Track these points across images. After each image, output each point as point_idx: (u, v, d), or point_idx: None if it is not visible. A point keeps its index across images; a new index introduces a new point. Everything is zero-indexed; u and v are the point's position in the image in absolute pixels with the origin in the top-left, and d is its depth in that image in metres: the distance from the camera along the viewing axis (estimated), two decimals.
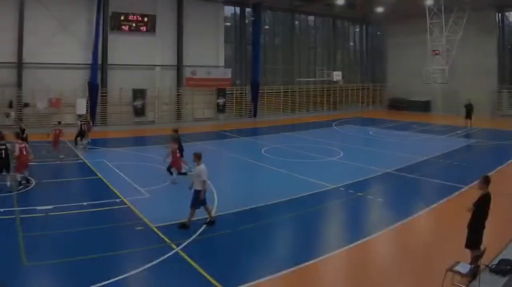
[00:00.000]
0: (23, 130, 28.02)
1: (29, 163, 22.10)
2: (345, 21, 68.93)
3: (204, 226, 16.26)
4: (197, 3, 51.13)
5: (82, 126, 32.37)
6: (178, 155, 22.57)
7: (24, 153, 21.46)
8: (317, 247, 14.95)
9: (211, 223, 16.42)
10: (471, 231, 12.60)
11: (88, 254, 13.68)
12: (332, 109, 64.73)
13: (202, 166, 16.18)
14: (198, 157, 16.40)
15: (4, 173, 20.88)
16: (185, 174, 22.63)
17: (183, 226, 16.01)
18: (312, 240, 15.60)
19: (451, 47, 50.07)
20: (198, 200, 16.07)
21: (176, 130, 25.51)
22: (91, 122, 35.28)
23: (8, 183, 20.57)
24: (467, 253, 12.57)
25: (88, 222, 16.75)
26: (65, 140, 30.00)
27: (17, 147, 21.14)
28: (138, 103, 46.87)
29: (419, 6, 52.19)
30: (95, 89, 44.03)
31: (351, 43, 71.67)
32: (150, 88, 47.77)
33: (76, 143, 32.35)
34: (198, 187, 16.07)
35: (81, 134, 32.27)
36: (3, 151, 20.59)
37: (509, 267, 12.75)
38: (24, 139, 29.32)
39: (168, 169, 22.45)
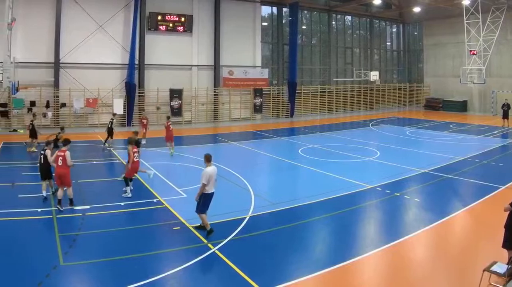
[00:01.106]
0: (31, 125, 28.66)
1: (64, 175, 17.37)
2: (381, 21, 66.38)
3: (239, 228, 15.57)
4: (234, 3, 49.54)
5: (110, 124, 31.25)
6: (136, 160, 19.90)
7: (60, 162, 17.48)
8: (354, 247, 14.30)
9: (201, 227, 14.97)
10: (508, 231, 12.19)
11: (125, 254, 13.31)
12: (369, 109, 62.43)
13: (207, 169, 14.71)
14: (206, 159, 15.02)
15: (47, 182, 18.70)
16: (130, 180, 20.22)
17: (209, 232, 14.76)
18: (349, 240, 14.95)
19: (488, 47, 48.47)
20: (199, 204, 14.80)
21: (136, 133, 23.44)
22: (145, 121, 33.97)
23: (44, 193, 18.39)
24: (504, 253, 12.22)
25: (125, 222, 16.36)
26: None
27: (54, 153, 17.94)
28: (175, 103, 45.54)
29: (456, 6, 50.99)
30: (133, 89, 42.77)
31: (388, 43, 68.99)
32: (187, 88, 46.40)
33: (104, 143, 31.23)
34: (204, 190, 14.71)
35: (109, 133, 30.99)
36: (41, 157, 18.44)
37: None
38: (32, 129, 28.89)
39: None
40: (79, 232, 14.91)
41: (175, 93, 45.54)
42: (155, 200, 18.82)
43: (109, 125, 31.09)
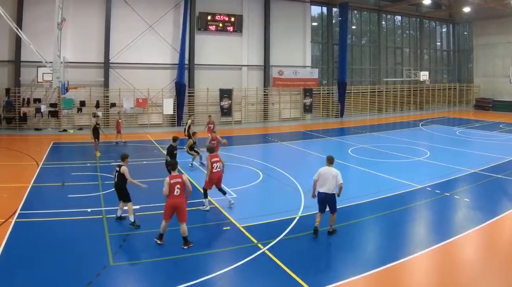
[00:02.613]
0: (97, 126, 26.70)
1: (181, 206, 13.21)
2: (431, 21, 61.86)
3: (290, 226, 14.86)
4: (284, 3, 46.38)
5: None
6: (216, 170, 16.73)
7: (177, 191, 13.07)
8: (404, 247, 13.47)
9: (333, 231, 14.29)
10: None
11: (175, 254, 12.61)
12: (419, 109, 58.21)
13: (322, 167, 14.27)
14: (326, 159, 14.46)
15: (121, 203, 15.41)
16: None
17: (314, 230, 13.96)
18: (399, 240, 14.07)
19: None
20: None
21: (176, 139, 20.81)
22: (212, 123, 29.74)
23: (132, 218, 14.80)
24: None
25: (175, 222, 14.30)
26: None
27: (166, 181, 13.11)
28: (224, 103, 42.81)
29: (507, 6, 48.47)
30: (182, 89, 40.20)
31: (438, 43, 64.56)
32: (237, 88, 43.68)
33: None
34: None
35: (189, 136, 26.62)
36: (116, 174, 15.11)
37: None
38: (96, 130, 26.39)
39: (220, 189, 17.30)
40: (129, 232, 14.16)
41: (225, 93, 42.81)
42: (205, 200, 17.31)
43: (186, 128, 28.11)
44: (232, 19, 43.31)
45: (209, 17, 42.22)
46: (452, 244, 13.59)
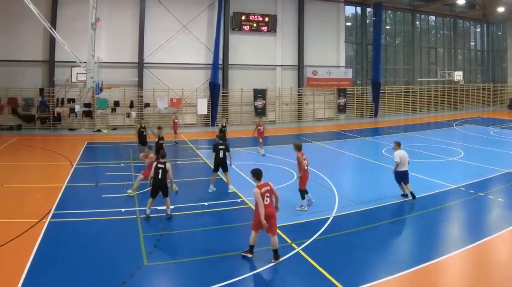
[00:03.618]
0: (142, 129, 24.61)
1: (274, 217, 11.65)
2: (465, 21, 58.49)
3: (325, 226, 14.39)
4: (318, 3, 43.98)
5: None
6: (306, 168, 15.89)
7: (267, 200, 11.48)
8: (438, 247, 12.84)
9: (413, 197, 16.93)
10: None
11: (209, 254, 12.16)
12: (453, 109, 54.95)
13: (397, 151, 17.27)
14: (397, 144, 17.45)
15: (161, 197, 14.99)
16: None
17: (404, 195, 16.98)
18: (432, 240, 13.43)
19: None
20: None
21: (160, 127, 21.75)
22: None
23: (169, 212, 14.88)
24: None
25: (209, 222, 15.00)
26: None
27: (256, 192, 11.35)
28: (258, 103, 40.74)
29: None
30: (217, 90, 38.38)
31: (472, 43, 61.14)
32: (271, 88, 41.55)
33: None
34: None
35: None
36: (160, 171, 14.64)
37: None
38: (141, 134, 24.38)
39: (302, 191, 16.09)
40: (163, 232, 13.72)
41: (259, 93, 40.74)
42: (239, 200, 17.23)
43: (220, 129, 25.95)
44: (266, 19, 41.27)
45: (243, 17, 40.34)
46: (486, 244, 13.08)
